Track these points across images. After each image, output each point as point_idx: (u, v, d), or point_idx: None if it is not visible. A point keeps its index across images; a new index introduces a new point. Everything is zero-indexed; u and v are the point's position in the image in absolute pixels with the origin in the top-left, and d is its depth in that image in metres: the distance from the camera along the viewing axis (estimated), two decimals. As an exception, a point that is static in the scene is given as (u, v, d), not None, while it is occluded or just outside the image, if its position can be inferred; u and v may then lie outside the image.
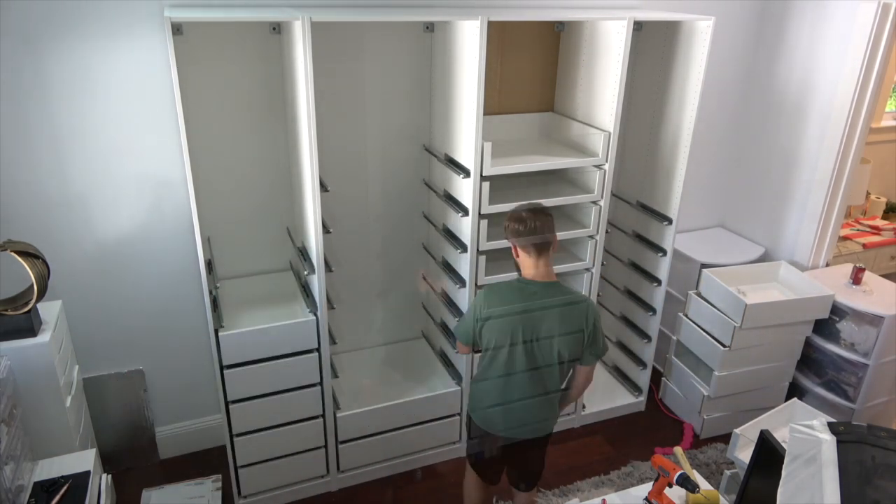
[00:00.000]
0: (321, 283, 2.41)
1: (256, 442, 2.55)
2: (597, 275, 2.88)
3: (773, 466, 1.51)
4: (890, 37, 2.81)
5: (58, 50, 2.22)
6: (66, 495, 1.94)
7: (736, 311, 2.87)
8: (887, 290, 3.02)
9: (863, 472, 1.35)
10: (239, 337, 2.34)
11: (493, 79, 2.84)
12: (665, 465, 1.82)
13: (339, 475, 2.79)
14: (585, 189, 2.76)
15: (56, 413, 2.17)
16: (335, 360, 2.66)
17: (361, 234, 2.92)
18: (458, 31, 2.41)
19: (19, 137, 2.28)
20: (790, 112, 3.21)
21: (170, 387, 2.85)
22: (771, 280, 3.22)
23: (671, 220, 2.90)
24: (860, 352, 2.92)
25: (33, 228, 2.39)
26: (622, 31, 2.50)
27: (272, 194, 2.69)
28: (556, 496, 2.77)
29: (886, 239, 3.82)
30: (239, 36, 2.41)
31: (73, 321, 2.53)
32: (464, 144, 2.50)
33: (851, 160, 3.03)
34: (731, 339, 2.90)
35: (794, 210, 3.27)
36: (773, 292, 3.14)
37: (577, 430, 3.21)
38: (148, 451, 2.88)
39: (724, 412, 3.12)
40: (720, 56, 3.24)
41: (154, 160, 2.47)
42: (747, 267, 3.21)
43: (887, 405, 3.11)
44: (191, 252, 2.64)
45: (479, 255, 2.61)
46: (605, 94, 2.66)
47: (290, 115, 2.44)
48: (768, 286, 3.19)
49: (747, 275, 3.17)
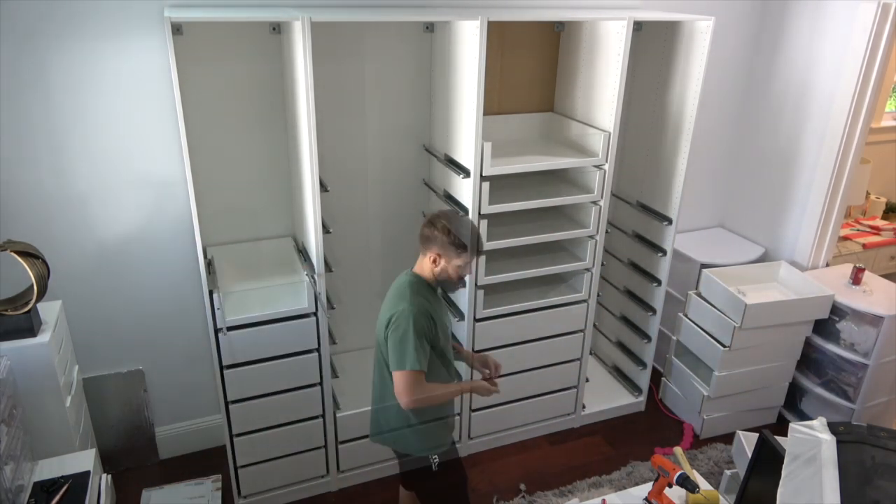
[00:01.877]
0: (321, 283, 2.41)
1: (256, 442, 2.55)
2: (597, 275, 2.88)
3: (773, 466, 1.51)
4: (890, 37, 2.81)
5: (58, 50, 2.22)
6: (65, 495, 1.94)
7: (736, 311, 2.87)
8: (887, 290, 3.02)
9: (863, 472, 1.35)
10: (239, 337, 2.34)
11: (493, 79, 2.84)
12: (665, 465, 1.82)
13: (339, 475, 2.79)
14: (585, 189, 2.77)
15: (56, 413, 2.17)
16: (335, 360, 2.66)
17: (361, 234, 2.92)
18: (458, 31, 2.41)
19: (19, 137, 2.28)
20: (790, 112, 3.21)
21: (170, 387, 2.85)
22: (771, 280, 3.22)
23: (671, 220, 2.90)
24: (860, 352, 2.92)
25: (33, 228, 2.39)
26: (622, 32, 2.50)
27: (272, 194, 2.69)
28: (556, 496, 2.77)
29: (886, 239, 3.81)
30: (239, 36, 2.41)
31: (73, 321, 2.53)
32: (464, 144, 2.50)
33: (851, 160, 3.03)
34: (731, 340, 2.90)
35: (794, 210, 3.27)
36: (773, 292, 3.14)
37: (576, 430, 3.21)
38: (148, 451, 2.88)
39: (723, 412, 3.12)
40: (720, 56, 3.24)
41: (154, 160, 2.47)
42: (747, 267, 3.21)
43: (887, 405, 3.11)
44: (191, 252, 2.64)
45: (478, 255, 2.60)
46: (604, 94, 2.66)
47: (290, 115, 2.44)
48: (768, 286, 3.19)
49: (747, 275, 3.17)
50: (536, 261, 2.83)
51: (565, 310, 2.88)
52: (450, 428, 2.22)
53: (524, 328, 2.84)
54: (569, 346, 2.98)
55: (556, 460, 3.00)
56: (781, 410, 3.29)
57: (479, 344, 2.77)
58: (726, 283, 2.98)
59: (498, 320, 2.76)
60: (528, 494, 2.80)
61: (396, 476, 2.87)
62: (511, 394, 2.97)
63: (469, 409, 2.91)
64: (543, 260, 2.85)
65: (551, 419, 3.15)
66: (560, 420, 3.17)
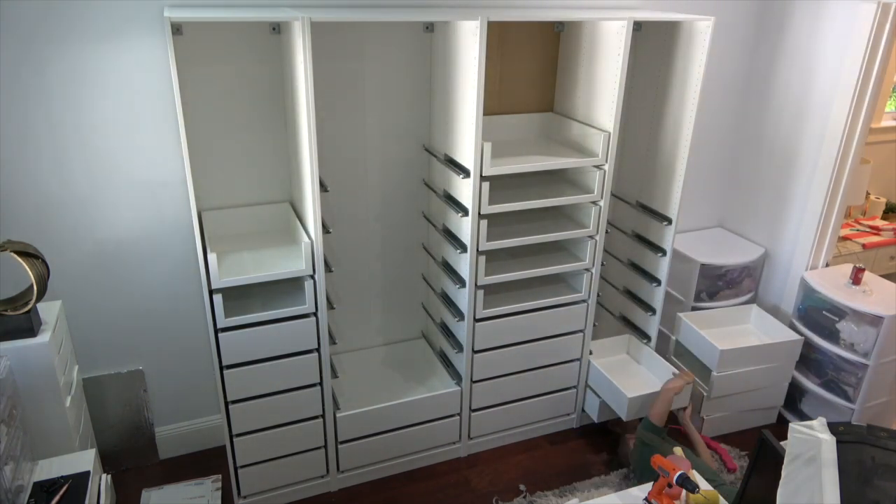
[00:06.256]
0: (321, 283, 2.41)
1: (256, 442, 2.55)
2: (596, 275, 2.88)
3: (773, 466, 1.51)
4: (890, 37, 2.81)
5: (58, 49, 2.22)
6: (65, 495, 1.94)
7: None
8: (887, 290, 3.02)
9: (862, 473, 1.35)
10: (239, 337, 2.34)
11: (492, 79, 2.84)
12: (665, 465, 1.82)
13: (338, 475, 2.79)
14: (585, 189, 2.77)
15: (56, 413, 2.17)
16: (335, 360, 2.66)
17: (361, 234, 2.92)
18: (458, 31, 2.41)
19: (19, 137, 2.28)
20: (790, 112, 3.21)
21: (170, 387, 2.85)
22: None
23: (671, 220, 2.90)
24: (860, 352, 2.92)
25: (33, 228, 2.39)
26: (622, 32, 2.50)
27: (272, 193, 2.69)
28: (556, 496, 2.77)
29: (886, 239, 3.81)
30: (239, 36, 2.41)
31: (73, 321, 2.53)
32: (463, 144, 2.50)
33: (851, 160, 3.03)
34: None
35: (794, 210, 3.27)
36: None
37: (576, 430, 3.21)
38: (148, 451, 2.88)
39: (723, 412, 3.12)
40: (720, 56, 3.24)
41: (154, 160, 2.47)
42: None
43: (887, 405, 3.11)
44: (191, 252, 2.64)
45: (478, 255, 2.61)
46: (604, 94, 2.66)
47: (290, 114, 2.44)
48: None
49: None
50: (536, 261, 2.84)
51: (565, 310, 2.89)
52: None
53: (524, 328, 2.84)
54: (569, 346, 2.98)
55: (556, 460, 3.00)
56: (781, 410, 3.29)
57: (479, 344, 2.77)
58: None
59: (498, 320, 2.77)
60: (529, 494, 2.80)
61: (397, 476, 2.87)
62: (511, 394, 2.97)
63: (469, 409, 2.91)
64: (543, 260, 2.85)
65: (551, 419, 3.15)
66: (560, 420, 3.17)
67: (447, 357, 3.00)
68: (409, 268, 3.08)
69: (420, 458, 2.92)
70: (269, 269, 2.34)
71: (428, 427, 2.84)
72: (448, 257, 2.82)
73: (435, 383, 2.96)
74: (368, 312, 3.10)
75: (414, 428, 2.82)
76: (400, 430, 2.79)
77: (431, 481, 2.87)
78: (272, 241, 2.58)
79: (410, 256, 3.06)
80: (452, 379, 2.89)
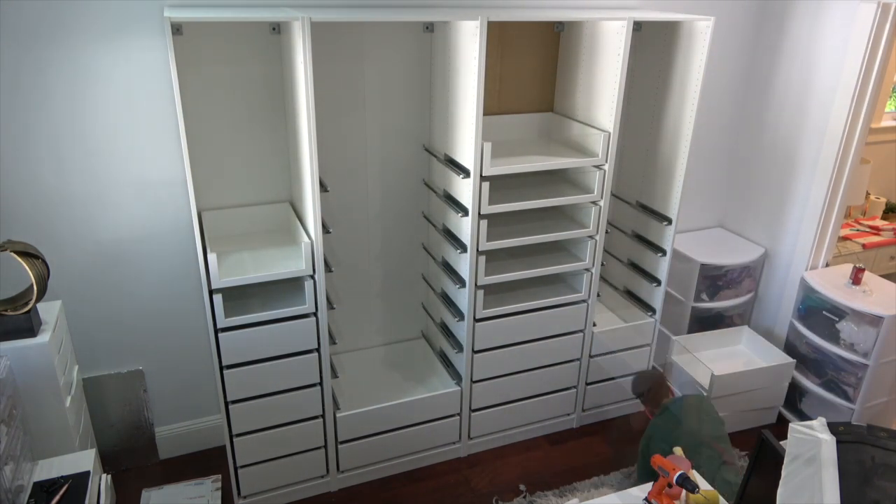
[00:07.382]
0: (321, 283, 2.41)
1: (256, 442, 2.55)
2: (596, 275, 2.88)
3: (773, 466, 1.51)
4: (890, 37, 2.81)
5: (57, 49, 2.22)
6: (65, 495, 1.94)
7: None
8: (887, 290, 3.02)
9: (862, 473, 1.35)
10: (239, 337, 2.34)
11: (492, 79, 2.84)
12: (665, 465, 1.82)
13: (338, 475, 2.79)
14: (585, 189, 2.77)
15: (56, 413, 2.17)
16: (335, 360, 2.66)
17: (361, 234, 2.92)
18: (458, 31, 2.41)
19: (19, 137, 2.28)
20: (790, 112, 3.21)
21: (170, 387, 2.85)
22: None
23: (671, 220, 2.90)
24: (860, 352, 2.92)
25: (33, 228, 2.39)
26: (622, 32, 2.50)
27: (272, 192, 2.69)
28: (556, 496, 2.77)
29: (886, 239, 3.81)
30: (239, 36, 2.41)
31: (73, 321, 2.53)
32: (463, 144, 2.50)
33: (851, 160, 3.03)
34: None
35: (794, 210, 3.27)
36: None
37: (576, 430, 3.21)
38: (148, 451, 2.88)
39: (723, 412, 3.12)
40: (720, 56, 3.24)
41: (154, 160, 2.47)
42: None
43: (887, 405, 3.11)
44: (191, 252, 2.64)
45: (478, 255, 2.61)
46: (604, 95, 2.66)
47: (290, 114, 2.44)
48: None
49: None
50: (536, 261, 2.84)
51: (565, 310, 2.89)
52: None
53: (524, 328, 2.84)
54: (569, 347, 2.98)
55: (556, 460, 3.00)
56: (781, 410, 3.29)
57: (479, 344, 2.77)
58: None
59: (498, 320, 2.76)
60: (529, 494, 2.80)
61: (397, 476, 2.87)
62: (511, 394, 2.97)
63: (469, 409, 2.91)
64: (543, 260, 2.85)
65: (551, 419, 3.15)
66: (560, 420, 3.17)
67: (447, 357, 3.00)
68: (409, 268, 3.08)
69: (420, 458, 2.92)
70: (269, 269, 2.34)
71: (428, 427, 2.84)
72: (448, 257, 2.82)
73: (435, 383, 2.96)
74: (368, 312, 3.10)
75: (414, 428, 2.82)
76: (400, 430, 2.79)
77: (431, 481, 2.87)
78: (272, 241, 2.58)
79: (410, 256, 3.06)
80: (452, 379, 2.89)
